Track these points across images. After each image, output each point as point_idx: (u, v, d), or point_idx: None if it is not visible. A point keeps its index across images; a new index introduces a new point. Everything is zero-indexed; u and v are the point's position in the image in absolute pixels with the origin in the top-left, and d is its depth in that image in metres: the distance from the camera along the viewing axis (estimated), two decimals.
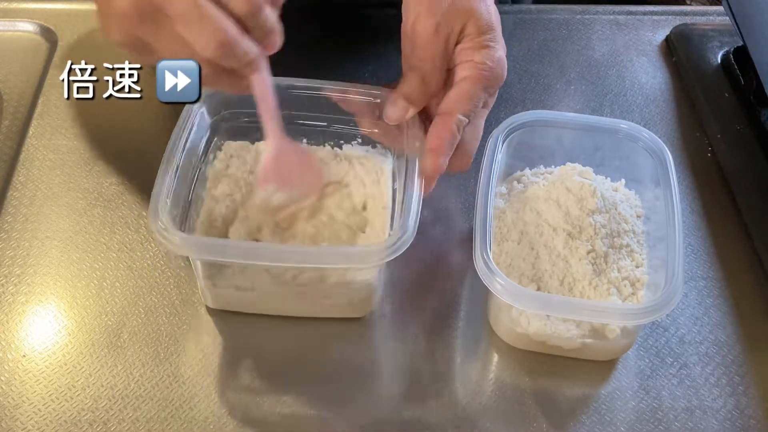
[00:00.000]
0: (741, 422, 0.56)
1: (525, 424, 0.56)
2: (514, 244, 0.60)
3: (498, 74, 0.58)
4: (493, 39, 0.58)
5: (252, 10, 0.49)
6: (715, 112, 0.76)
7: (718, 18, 0.86)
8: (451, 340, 0.60)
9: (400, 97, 0.58)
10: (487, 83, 0.57)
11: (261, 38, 0.51)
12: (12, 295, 0.61)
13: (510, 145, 0.64)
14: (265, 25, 0.50)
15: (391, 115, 0.59)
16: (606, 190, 0.62)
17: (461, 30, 0.57)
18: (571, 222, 0.60)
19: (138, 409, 0.55)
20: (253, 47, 0.50)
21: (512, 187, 0.65)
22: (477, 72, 0.57)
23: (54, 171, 0.69)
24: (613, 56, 0.83)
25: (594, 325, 0.56)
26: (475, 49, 0.57)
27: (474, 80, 0.57)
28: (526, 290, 0.55)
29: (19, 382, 0.56)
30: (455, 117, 0.57)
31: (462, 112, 0.57)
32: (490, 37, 0.58)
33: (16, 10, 0.81)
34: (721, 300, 0.63)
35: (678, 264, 0.54)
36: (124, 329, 0.59)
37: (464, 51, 0.57)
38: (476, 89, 0.57)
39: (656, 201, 0.61)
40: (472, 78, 0.57)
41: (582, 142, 0.65)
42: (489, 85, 0.58)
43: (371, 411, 0.56)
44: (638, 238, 0.61)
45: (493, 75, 0.57)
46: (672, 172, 0.60)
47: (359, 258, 0.54)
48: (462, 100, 0.57)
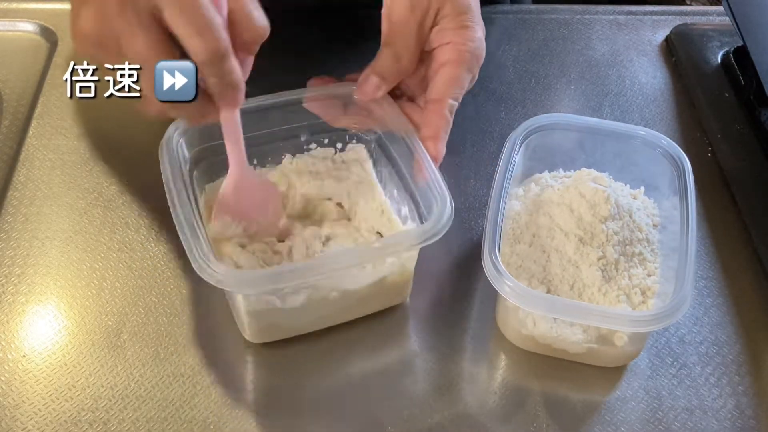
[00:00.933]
0: (741, 422, 0.56)
1: (530, 425, 0.56)
2: (525, 246, 0.60)
3: (478, 54, 0.58)
4: (471, 19, 0.58)
5: (211, 58, 0.46)
6: (715, 112, 0.76)
7: (718, 18, 0.86)
8: (460, 340, 0.60)
9: (373, 74, 0.58)
10: (470, 64, 0.58)
11: (220, 91, 0.48)
12: (12, 295, 0.61)
13: (528, 147, 0.64)
14: (227, 76, 0.48)
15: (364, 91, 0.59)
16: (622, 197, 0.62)
17: (437, 11, 0.57)
18: (583, 228, 0.59)
19: (138, 409, 0.55)
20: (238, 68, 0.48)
21: (529, 189, 0.65)
22: (459, 55, 0.57)
23: (54, 171, 0.69)
24: (613, 56, 0.83)
25: (601, 331, 0.56)
26: (454, 30, 0.57)
27: (457, 63, 0.57)
28: (533, 292, 0.55)
29: (19, 382, 0.56)
30: (447, 102, 0.57)
31: (452, 97, 0.58)
32: (469, 17, 0.58)
33: (16, 10, 0.81)
34: (721, 300, 0.63)
35: (688, 273, 0.54)
36: (124, 329, 0.59)
37: (442, 32, 0.58)
38: (461, 72, 0.58)
39: (673, 210, 0.60)
40: (455, 61, 0.57)
41: (602, 147, 0.65)
42: (472, 66, 0.58)
43: (374, 410, 0.56)
44: (652, 247, 0.61)
45: (474, 55, 0.58)
46: (690, 181, 0.60)
47: (408, 241, 0.54)
48: (450, 85, 0.58)
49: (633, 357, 0.59)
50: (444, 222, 0.54)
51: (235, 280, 0.51)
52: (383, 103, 0.60)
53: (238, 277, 0.52)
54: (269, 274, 0.53)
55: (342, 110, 0.62)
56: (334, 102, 0.61)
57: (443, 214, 0.54)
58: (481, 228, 0.66)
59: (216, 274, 0.50)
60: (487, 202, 0.58)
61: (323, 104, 0.61)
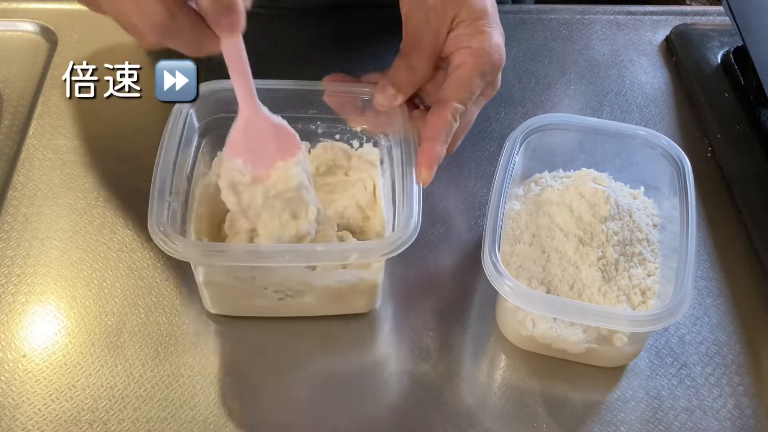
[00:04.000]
0: (741, 422, 0.56)
1: (530, 425, 0.56)
2: (525, 246, 0.60)
3: (495, 60, 0.57)
4: (489, 24, 0.57)
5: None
6: (715, 112, 0.76)
7: (718, 18, 0.86)
8: (460, 340, 0.60)
9: (389, 84, 0.58)
10: (483, 69, 0.57)
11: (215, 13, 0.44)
12: (12, 295, 0.61)
13: (528, 147, 0.63)
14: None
15: (379, 101, 0.58)
16: (622, 198, 0.62)
17: (454, 17, 0.56)
18: (582, 228, 0.59)
19: (138, 409, 0.55)
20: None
21: (529, 189, 0.65)
22: (473, 59, 0.56)
23: (54, 171, 0.69)
24: (613, 56, 0.83)
25: (601, 331, 0.56)
26: (471, 35, 0.56)
27: (470, 67, 0.56)
28: (533, 292, 0.55)
29: (19, 382, 0.56)
30: (451, 105, 0.56)
31: (458, 100, 0.56)
32: (485, 22, 0.57)
33: (16, 10, 0.81)
34: (721, 300, 0.63)
35: (688, 274, 0.54)
36: (124, 329, 0.59)
37: (459, 37, 0.57)
38: (472, 76, 0.56)
39: (673, 210, 0.60)
40: (467, 65, 0.56)
41: (602, 147, 0.65)
42: (486, 71, 0.57)
43: (374, 410, 0.56)
44: (652, 247, 0.61)
45: (489, 60, 0.57)
46: (690, 181, 0.60)
47: (364, 254, 0.54)
48: (458, 88, 0.56)
49: (633, 357, 0.59)
50: (393, 241, 0.52)
51: (183, 247, 0.51)
52: (396, 109, 0.59)
53: (185, 243, 0.52)
54: (213, 249, 0.54)
55: (359, 110, 0.61)
56: (352, 101, 0.61)
57: (399, 234, 0.53)
58: (481, 228, 0.66)
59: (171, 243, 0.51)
60: (487, 202, 0.58)
61: (341, 101, 0.61)
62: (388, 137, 0.61)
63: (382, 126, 0.61)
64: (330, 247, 0.56)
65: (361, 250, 0.54)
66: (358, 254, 0.53)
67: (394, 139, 0.59)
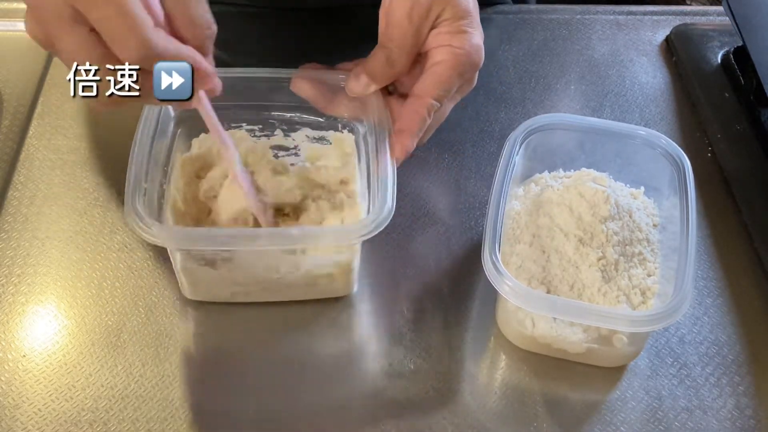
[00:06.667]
0: (741, 422, 0.56)
1: (530, 425, 0.56)
2: (525, 246, 0.60)
3: (474, 60, 0.58)
4: (470, 24, 0.58)
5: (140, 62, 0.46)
6: (715, 112, 0.76)
7: (718, 18, 0.86)
8: (460, 340, 0.60)
9: (364, 73, 0.58)
10: (462, 69, 0.57)
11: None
12: (12, 295, 0.61)
13: (528, 147, 0.63)
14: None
15: (352, 88, 0.59)
16: (622, 198, 0.62)
17: (437, 16, 0.57)
18: (582, 228, 0.59)
19: (138, 409, 0.55)
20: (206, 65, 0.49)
21: (529, 189, 0.65)
22: (452, 57, 0.57)
23: (54, 171, 0.69)
24: (613, 56, 0.83)
25: (601, 332, 0.56)
26: (452, 34, 0.57)
27: (449, 65, 0.57)
28: (533, 292, 0.55)
29: (19, 382, 0.56)
30: (427, 101, 0.57)
31: (434, 97, 0.57)
32: (467, 22, 0.57)
33: (16, 10, 0.81)
34: (721, 300, 0.63)
35: (688, 274, 0.54)
36: (124, 329, 0.59)
37: (440, 35, 0.57)
38: (451, 74, 0.57)
39: (673, 210, 0.60)
40: (446, 63, 0.57)
41: (602, 146, 0.65)
42: (464, 70, 0.58)
43: (373, 410, 0.56)
44: (652, 247, 0.61)
45: (468, 60, 0.57)
46: (690, 181, 0.60)
47: (339, 237, 0.55)
48: (435, 84, 0.57)
49: (633, 357, 0.59)
50: (368, 223, 0.53)
51: (158, 231, 0.52)
52: (371, 95, 0.60)
53: (159, 228, 0.53)
54: (189, 233, 0.56)
55: (331, 97, 0.62)
56: (325, 88, 0.61)
57: (372, 218, 0.54)
58: (481, 228, 0.66)
59: (147, 228, 0.52)
60: (487, 202, 0.58)
61: (313, 89, 0.61)
62: (363, 123, 0.62)
63: (356, 112, 0.62)
64: (306, 230, 0.58)
65: (336, 233, 0.56)
66: (334, 237, 0.55)
67: (369, 124, 0.60)
